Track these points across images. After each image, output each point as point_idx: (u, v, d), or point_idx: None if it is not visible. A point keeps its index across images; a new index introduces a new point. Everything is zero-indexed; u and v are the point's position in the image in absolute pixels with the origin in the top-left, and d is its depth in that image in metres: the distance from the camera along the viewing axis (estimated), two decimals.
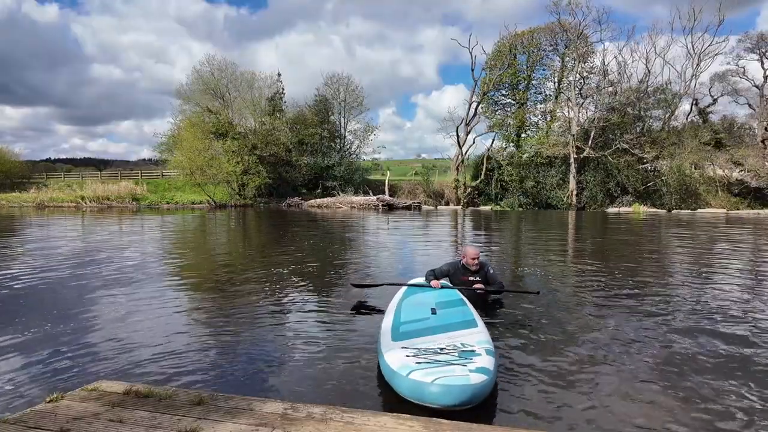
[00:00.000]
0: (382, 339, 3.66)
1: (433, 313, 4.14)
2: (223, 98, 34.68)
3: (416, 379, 2.85)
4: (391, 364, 3.10)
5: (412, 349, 3.29)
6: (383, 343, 3.55)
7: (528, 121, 34.04)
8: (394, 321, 4.02)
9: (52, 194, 34.44)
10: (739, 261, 9.16)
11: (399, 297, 4.87)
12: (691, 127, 32.56)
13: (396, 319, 4.07)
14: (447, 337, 3.55)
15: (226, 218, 22.17)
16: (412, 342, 3.47)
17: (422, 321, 3.98)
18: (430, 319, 4.01)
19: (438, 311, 4.19)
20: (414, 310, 4.27)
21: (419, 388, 2.81)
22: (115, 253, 9.90)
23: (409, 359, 3.10)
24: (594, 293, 6.11)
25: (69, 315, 5.07)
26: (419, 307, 4.34)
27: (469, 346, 3.34)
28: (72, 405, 2.63)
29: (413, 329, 3.77)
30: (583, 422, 2.82)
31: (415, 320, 4.00)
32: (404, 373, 2.94)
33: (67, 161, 62.23)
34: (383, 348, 3.43)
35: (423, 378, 2.83)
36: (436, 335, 3.61)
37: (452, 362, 3.04)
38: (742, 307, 5.43)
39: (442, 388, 2.74)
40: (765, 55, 32.73)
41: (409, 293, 4.92)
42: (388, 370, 3.11)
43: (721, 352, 3.91)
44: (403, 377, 2.91)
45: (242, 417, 2.48)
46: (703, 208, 28.40)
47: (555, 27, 32.12)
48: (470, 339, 3.49)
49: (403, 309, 4.33)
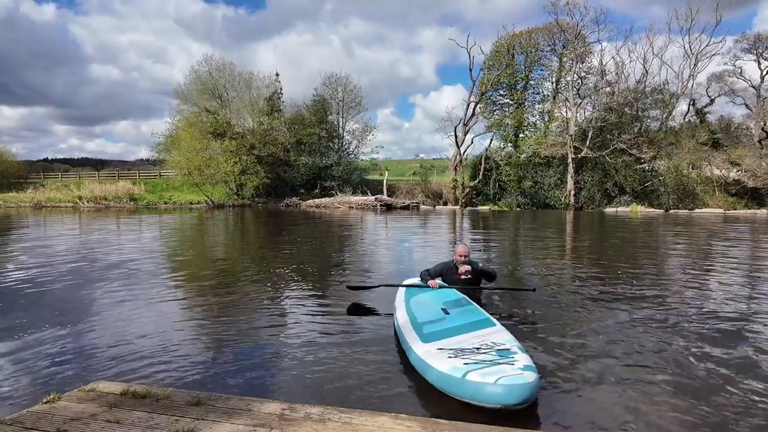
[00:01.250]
0: (409, 341, 3.63)
1: (446, 313, 4.10)
2: (221, 98, 34.64)
3: (476, 380, 2.83)
4: (438, 366, 3.07)
5: (450, 350, 3.27)
6: (413, 345, 3.53)
7: (526, 121, 34.12)
8: (412, 322, 3.97)
9: (49, 194, 34.35)
10: (735, 260, 9.19)
11: (402, 298, 4.83)
12: (688, 127, 32.66)
13: (413, 320, 4.03)
14: (474, 337, 3.53)
15: (224, 218, 22.13)
16: (444, 343, 3.44)
17: (440, 321, 3.92)
18: (447, 320, 3.96)
19: (449, 311, 4.15)
20: (425, 310, 4.21)
21: (480, 389, 2.78)
22: (111, 254, 9.88)
23: (454, 360, 3.09)
24: (589, 291, 6.13)
25: (66, 315, 5.05)
26: (429, 307, 4.30)
27: (501, 344, 3.34)
28: (69, 406, 2.63)
29: (437, 330, 3.71)
30: (580, 421, 2.83)
31: (433, 321, 3.94)
32: (459, 375, 2.91)
33: (64, 161, 62.09)
34: (417, 350, 3.42)
35: (483, 379, 2.82)
36: (462, 335, 3.57)
37: (498, 362, 3.02)
38: (739, 304, 5.46)
39: (506, 388, 2.73)
40: (762, 55, 32.86)
41: (411, 294, 4.89)
42: (436, 373, 3.06)
43: (718, 349, 3.92)
44: (459, 379, 2.88)
45: (240, 417, 2.48)
46: (700, 208, 28.48)
47: (553, 27, 32.20)
48: (498, 338, 3.49)
49: (414, 310, 4.28)
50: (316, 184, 34.76)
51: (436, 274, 5.24)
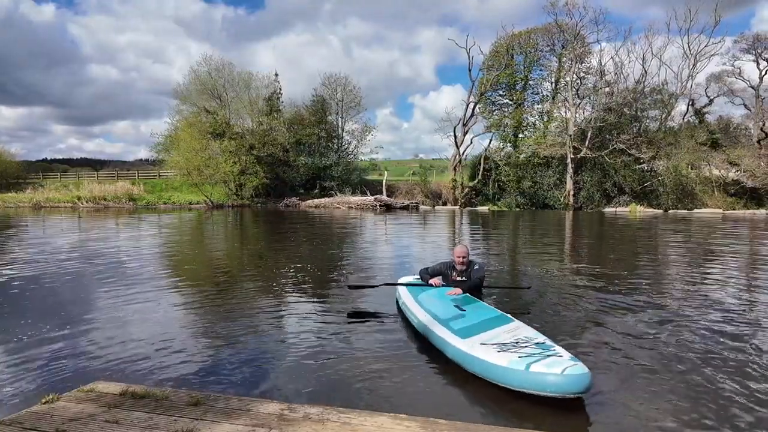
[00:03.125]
0: (444, 338, 3.68)
1: (462, 310, 4.14)
2: (220, 98, 34.60)
3: (541, 371, 2.94)
4: (495, 360, 3.16)
5: (493, 345, 3.36)
6: (451, 341, 3.59)
7: (525, 121, 34.13)
8: (437, 319, 3.99)
9: (48, 194, 34.29)
10: (734, 260, 9.20)
11: (409, 297, 4.83)
12: (687, 127, 32.70)
13: (436, 317, 4.04)
14: (504, 332, 3.62)
15: (224, 218, 22.12)
16: (482, 338, 3.51)
17: (463, 318, 3.95)
18: (467, 316, 3.99)
19: (464, 308, 4.19)
20: (442, 308, 4.23)
21: (548, 380, 2.90)
22: (111, 254, 9.87)
23: (507, 354, 3.18)
24: (585, 291, 6.14)
25: (65, 316, 5.05)
26: (443, 305, 4.31)
27: (534, 339, 3.45)
28: (68, 406, 2.62)
29: (466, 326, 3.76)
30: (574, 419, 2.83)
31: (456, 317, 3.98)
32: (521, 367, 3.01)
33: (63, 161, 61.93)
34: (459, 345, 3.48)
35: (549, 370, 2.93)
36: (492, 331, 3.65)
37: (548, 354, 3.14)
38: (736, 304, 5.46)
39: (573, 377, 2.87)
40: (761, 56, 32.90)
41: (417, 293, 4.90)
42: (493, 367, 3.15)
43: (716, 346, 3.93)
44: (524, 371, 2.99)
45: (239, 417, 2.48)
46: (699, 208, 28.52)
47: (552, 27, 32.21)
48: (527, 333, 3.60)
49: (431, 308, 4.29)
50: (315, 185, 34.75)
51: (436, 273, 5.24)
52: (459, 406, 3.01)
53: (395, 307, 5.23)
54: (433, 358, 3.81)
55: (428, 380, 3.40)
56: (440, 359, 3.79)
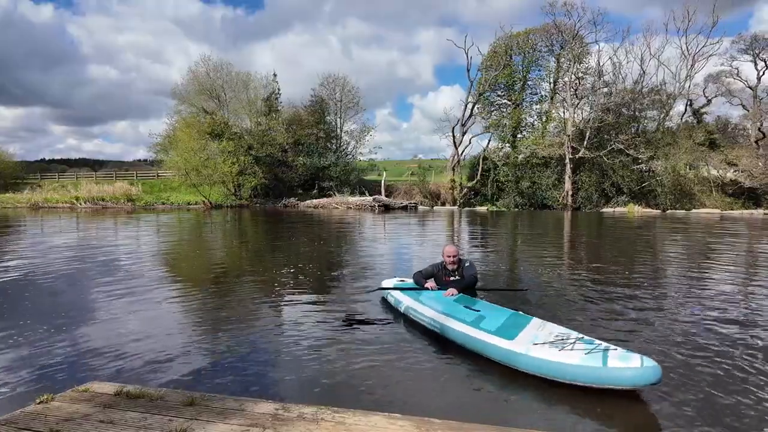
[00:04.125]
0: (490, 342, 3.65)
1: (478, 311, 4.17)
2: (218, 98, 34.59)
3: (620, 366, 3.04)
4: (567, 359, 3.22)
5: (545, 344, 3.42)
6: (500, 344, 3.58)
7: (524, 121, 34.09)
8: (465, 323, 3.99)
9: (46, 195, 34.20)
10: (730, 260, 9.22)
11: (414, 301, 4.81)
12: (685, 127, 32.73)
13: (462, 320, 4.04)
14: (538, 330, 3.73)
15: (222, 219, 22.11)
16: (528, 337, 3.58)
17: (488, 320, 3.97)
18: (489, 317, 4.02)
19: (477, 309, 4.23)
20: (458, 311, 4.24)
21: (629, 374, 3.00)
22: (108, 254, 9.86)
23: (571, 353, 3.25)
24: (583, 291, 6.14)
25: (61, 316, 5.05)
26: (455, 307, 4.33)
27: (570, 334, 3.59)
28: (62, 406, 2.62)
29: (501, 326, 3.83)
30: (574, 419, 2.84)
31: (481, 319, 4.00)
32: (598, 363, 3.10)
33: (61, 162, 61.75)
34: (517, 348, 3.48)
35: (627, 364, 3.04)
36: (527, 330, 3.72)
37: (607, 348, 3.26)
38: (732, 305, 5.47)
39: (651, 369, 2.99)
40: (758, 56, 32.94)
41: (417, 295, 4.91)
42: (565, 367, 3.20)
43: (716, 346, 3.94)
44: (601, 368, 3.08)
45: (233, 417, 2.48)
46: (697, 209, 28.56)
47: (550, 28, 32.19)
48: (558, 329, 3.73)
49: (448, 311, 4.30)
50: (314, 185, 34.75)
51: (428, 275, 5.23)
52: (453, 406, 3.01)
53: (385, 308, 5.28)
54: (427, 358, 3.82)
55: (422, 380, 3.41)
56: (434, 359, 3.80)
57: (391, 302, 5.29)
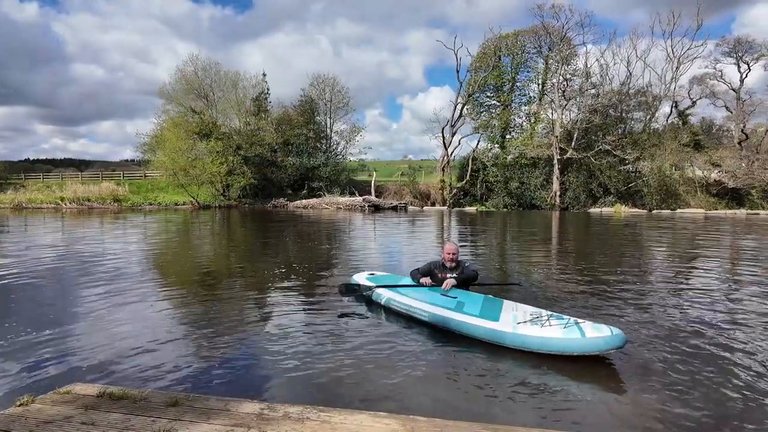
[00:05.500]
0: (480, 324, 4.05)
1: (461, 300, 4.52)
2: (206, 98, 34.29)
3: (597, 335, 3.59)
4: (550, 334, 3.71)
5: (526, 323, 3.90)
6: (488, 326, 4.00)
7: (512, 122, 34.36)
8: (450, 309, 4.38)
9: (30, 195, 33.65)
10: (713, 257, 9.38)
11: (396, 293, 5.09)
12: (671, 128, 33.24)
13: (446, 307, 4.44)
14: (515, 310, 4.23)
15: (210, 219, 21.93)
16: (509, 317, 4.06)
17: (472, 305, 4.40)
18: (469, 302, 4.46)
19: (459, 298, 4.59)
20: (448, 302, 4.56)
21: (605, 340, 3.56)
22: (91, 255, 9.72)
23: (552, 328, 3.75)
24: (571, 287, 6.21)
25: (42, 317, 4.97)
26: (445, 299, 4.63)
27: (542, 311, 4.15)
28: (43, 408, 2.58)
29: (482, 309, 4.27)
30: (562, 416, 2.87)
31: (460, 304, 4.43)
32: (578, 335, 3.63)
33: (46, 162, 60.79)
34: (499, 327, 3.94)
35: (602, 333, 3.60)
36: (508, 312, 4.20)
37: (578, 321, 3.82)
38: (714, 300, 5.58)
39: (619, 335, 3.58)
40: (741, 59, 33.58)
41: (408, 292, 5.06)
42: (551, 341, 3.69)
43: (698, 340, 4.01)
44: (581, 338, 3.60)
45: (218, 417, 2.47)
46: (682, 209, 29.01)
47: (539, 30, 32.49)
48: (530, 308, 4.30)
49: (438, 302, 4.60)
50: (303, 185, 34.60)
51: (425, 273, 5.30)
52: (437, 404, 3.02)
53: (368, 305, 5.35)
54: (411, 356, 3.84)
55: (407, 378, 3.41)
56: (419, 357, 3.82)
57: (370, 296, 5.42)
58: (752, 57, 33.25)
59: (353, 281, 5.85)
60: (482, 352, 3.91)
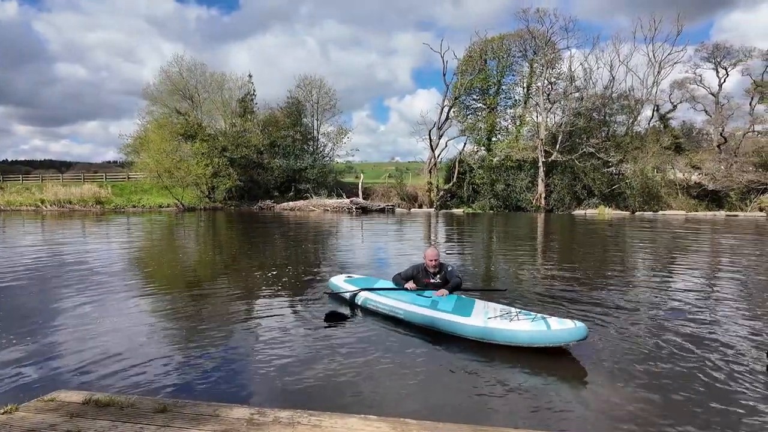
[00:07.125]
0: (455, 320, 4.26)
1: (437, 301, 4.74)
2: (192, 99, 33.94)
3: (561, 328, 3.82)
4: (518, 328, 3.93)
5: (497, 318, 4.12)
6: (462, 321, 4.22)
7: (498, 125, 34.69)
8: (433, 308, 4.57)
9: (8, 198, 32.88)
10: (694, 257, 9.59)
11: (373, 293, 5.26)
12: (652, 132, 33.86)
13: (422, 305, 4.67)
14: (487, 308, 4.47)
15: (195, 222, 21.68)
16: (482, 314, 4.27)
17: (440, 302, 4.66)
18: (441, 301, 4.69)
19: (426, 296, 4.88)
20: (426, 302, 4.75)
21: (568, 333, 3.78)
22: (74, 259, 9.54)
23: (520, 323, 3.97)
24: (556, 289, 6.29)
25: (26, 323, 4.86)
26: (423, 300, 4.82)
27: (510, 308, 4.47)
28: (27, 416, 2.54)
29: (454, 306, 4.53)
30: (549, 415, 2.91)
31: (434, 302, 4.68)
32: (544, 328, 3.84)
33: (25, 163, 59.55)
34: (471, 322, 4.17)
35: (565, 326, 3.82)
36: (479, 310, 4.43)
37: (543, 316, 4.06)
38: (697, 300, 5.71)
39: (582, 327, 3.80)
40: (719, 64, 34.40)
41: (391, 294, 5.15)
42: (520, 334, 3.91)
43: (680, 342, 4.10)
44: (547, 331, 3.81)
45: (207, 423, 2.45)
46: (664, 210, 29.59)
47: (524, 34, 32.86)
48: (500, 305, 4.59)
49: (418, 302, 4.78)
50: (290, 187, 34.41)
51: (408, 277, 5.32)
52: (428, 406, 3.04)
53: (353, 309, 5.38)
54: (401, 359, 3.85)
55: (397, 382, 3.43)
56: (407, 359, 3.83)
57: (346, 297, 5.58)
58: (730, 62, 34.09)
59: (332, 284, 6.07)
60: (470, 353, 3.95)
